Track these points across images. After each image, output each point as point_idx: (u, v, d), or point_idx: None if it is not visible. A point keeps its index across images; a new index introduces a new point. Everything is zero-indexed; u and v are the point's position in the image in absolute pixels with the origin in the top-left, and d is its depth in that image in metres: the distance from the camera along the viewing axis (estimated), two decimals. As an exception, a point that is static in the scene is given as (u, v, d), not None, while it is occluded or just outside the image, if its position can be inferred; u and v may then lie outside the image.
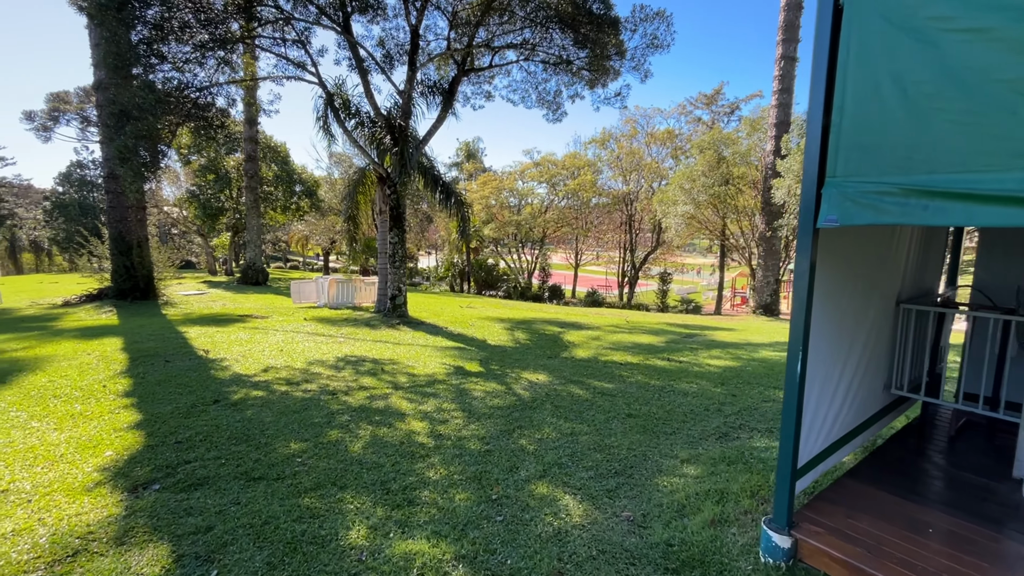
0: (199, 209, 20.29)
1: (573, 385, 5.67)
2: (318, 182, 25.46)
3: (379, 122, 9.21)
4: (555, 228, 36.23)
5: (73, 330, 8.14)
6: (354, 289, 12.59)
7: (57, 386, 5.03)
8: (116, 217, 11.87)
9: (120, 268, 11.59)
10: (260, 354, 6.70)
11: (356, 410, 4.61)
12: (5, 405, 4.49)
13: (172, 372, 5.65)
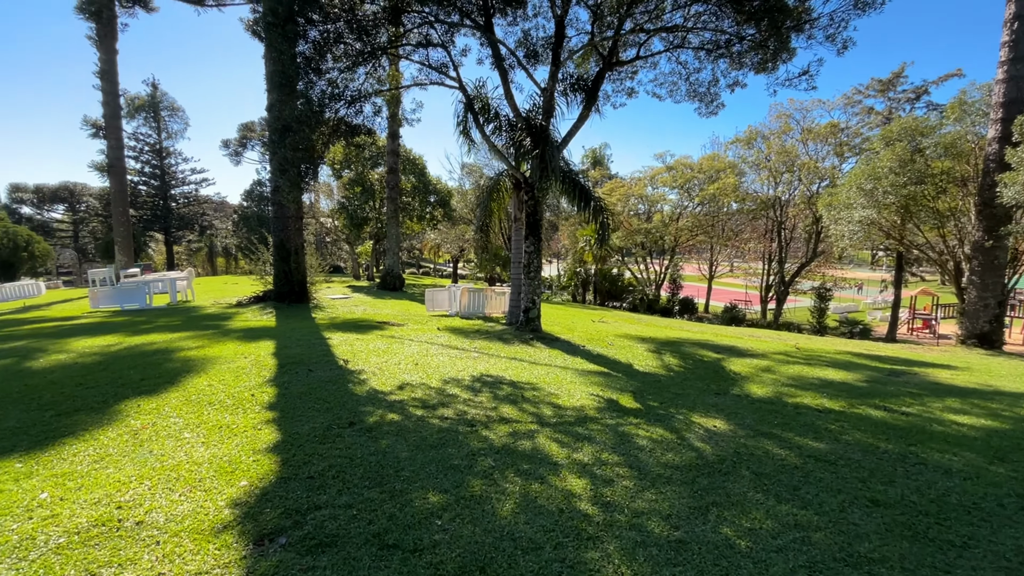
0: (347, 219, 22.11)
1: (767, 440, 4.35)
2: (451, 192, 26.42)
3: (519, 124, 8.67)
4: (688, 237, 33.44)
5: (239, 331, 8.77)
6: (485, 299, 12.29)
7: (214, 391, 5.10)
8: (279, 227, 12.98)
9: (280, 273, 12.64)
10: (396, 367, 6.40)
11: (500, 451, 3.87)
12: (168, 409, 4.56)
13: (313, 383, 5.50)
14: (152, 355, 6.75)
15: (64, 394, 5.03)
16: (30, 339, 8.36)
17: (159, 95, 41.63)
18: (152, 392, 5.05)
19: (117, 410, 4.54)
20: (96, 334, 8.60)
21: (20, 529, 2.67)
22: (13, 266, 33.29)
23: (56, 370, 6.07)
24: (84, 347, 7.45)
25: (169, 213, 42.59)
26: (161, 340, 7.83)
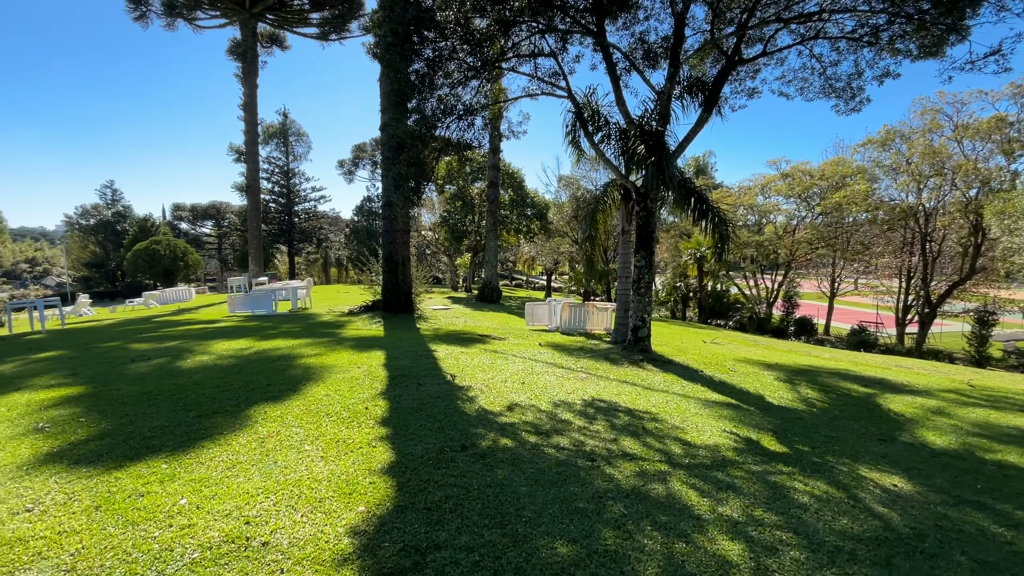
0: (448, 232, 22.87)
1: (975, 512, 3.41)
2: (548, 205, 26.34)
3: (631, 131, 8.18)
4: (807, 250, 30.19)
5: (351, 339, 9.14)
6: (586, 315, 11.80)
7: (331, 401, 5.18)
8: (388, 239, 13.58)
9: (388, 284, 13.19)
10: (503, 385, 6.16)
11: (629, 495, 3.40)
12: (291, 418, 4.67)
13: (423, 399, 5.41)
14: (277, 361, 7.17)
15: (204, 395, 5.40)
16: (181, 340, 9.38)
17: (288, 123, 46.71)
18: (277, 399, 5.25)
19: (247, 415, 4.74)
20: (232, 338, 9.44)
21: (161, 538, 2.72)
22: (173, 273, 38.87)
23: (199, 371, 6.63)
24: (222, 350, 8.15)
25: (293, 227, 47.34)
26: (284, 346, 8.35)
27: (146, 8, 26.97)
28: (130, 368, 6.91)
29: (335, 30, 30.12)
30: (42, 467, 3.61)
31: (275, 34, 30.88)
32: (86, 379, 6.31)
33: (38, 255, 72.51)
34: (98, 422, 4.60)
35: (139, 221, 45.94)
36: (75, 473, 3.51)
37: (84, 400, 5.33)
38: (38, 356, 8.30)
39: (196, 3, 27.83)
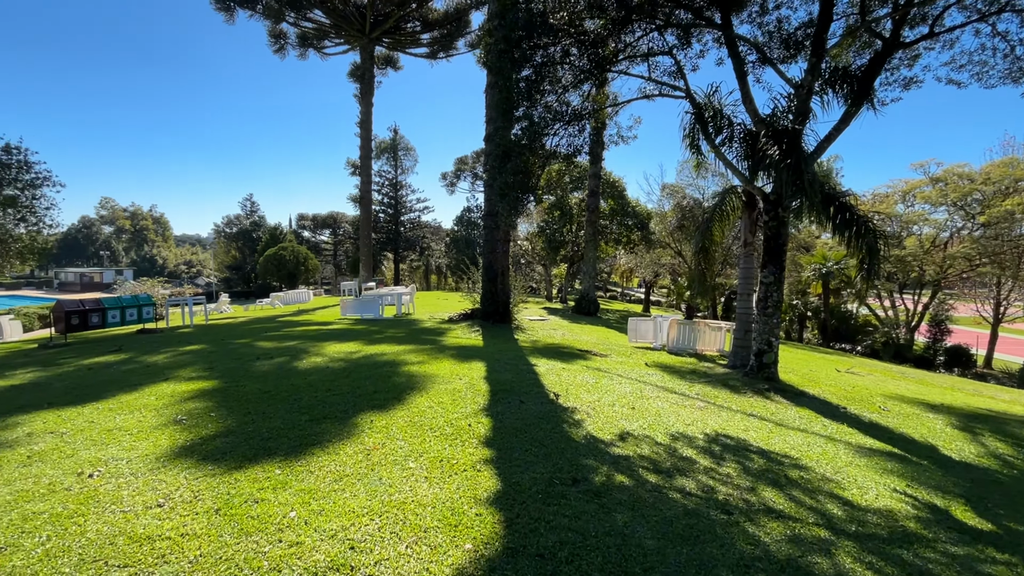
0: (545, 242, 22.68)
1: None
2: (650, 215, 25.16)
3: (761, 131, 7.27)
4: (965, 267, 25.66)
5: (452, 348, 9.14)
6: (697, 333, 10.82)
7: (434, 415, 5.04)
8: (488, 249, 13.63)
9: (487, 293, 13.21)
10: (610, 409, 5.65)
11: (785, 568, 2.75)
12: (396, 430, 4.58)
13: (527, 418, 5.08)
14: (383, 367, 7.29)
15: (316, 399, 5.55)
16: (299, 340, 10.03)
17: (398, 138, 49.96)
18: (382, 408, 5.23)
19: (354, 423, 4.73)
20: (343, 340, 9.90)
21: (271, 554, 2.63)
22: (295, 277, 43.09)
23: (313, 373, 6.92)
24: (334, 352, 8.53)
25: (399, 236, 50.32)
26: (390, 352, 8.54)
27: (284, 42, 30.27)
28: (255, 366, 7.43)
29: (443, 48, 31.65)
30: (176, 460, 3.81)
31: (389, 56, 33.14)
32: (219, 374, 6.86)
33: (193, 258, 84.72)
34: (225, 418, 4.86)
35: (270, 230, 51.67)
36: (202, 470, 3.64)
37: (216, 395, 5.73)
38: (185, 349, 9.29)
39: (324, 33, 30.75)
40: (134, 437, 4.33)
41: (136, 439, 4.28)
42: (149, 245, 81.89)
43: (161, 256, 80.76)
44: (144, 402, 5.46)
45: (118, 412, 5.09)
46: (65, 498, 3.20)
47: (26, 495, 3.25)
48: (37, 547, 2.65)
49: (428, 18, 29.24)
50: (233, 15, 27.30)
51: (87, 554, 2.60)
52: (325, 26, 29.69)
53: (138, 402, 5.47)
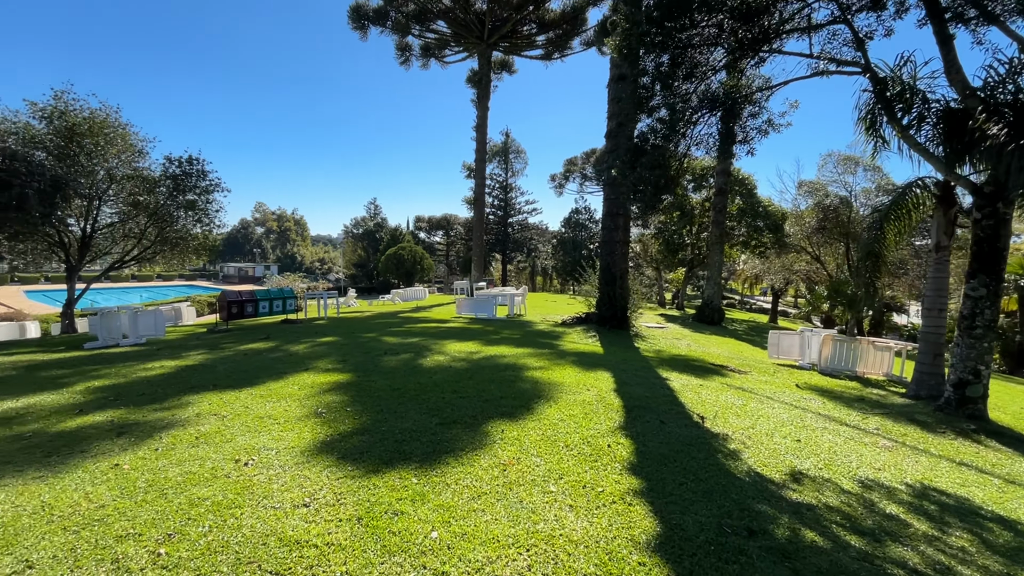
0: (663, 244, 21.33)
1: None
2: (784, 215, 22.49)
3: (976, 105, 5.80)
4: None
5: (572, 354, 8.70)
6: (857, 352, 9.19)
7: (567, 429, 4.62)
8: (606, 251, 12.99)
9: (605, 297, 12.57)
10: (770, 440, 4.79)
11: None
12: (529, 443, 4.23)
13: (673, 443, 4.45)
14: (505, 370, 7.06)
15: (444, 400, 5.43)
16: (421, 337, 10.27)
17: (509, 142, 50.90)
18: (512, 417, 4.93)
19: (485, 432, 4.48)
20: (462, 339, 9.94)
21: (416, 583, 2.38)
22: (412, 275, 45.79)
23: (438, 372, 6.89)
24: (455, 351, 8.53)
25: (507, 238, 51.25)
26: (509, 354, 8.33)
27: (409, 53, 32.14)
28: (383, 361, 7.62)
29: (558, 48, 31.49)
30: (318, 457, 3.81)
31: (505, 60, 33.77)
32: (352, 367, 7.11)
33: (325, 256, 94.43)
34: (360, 414, 4.89)
35: (391, 231, 55.59)
36: (342, 470, 3.58)
37: (350, 389, 5.87)
38: (321, 340, 9.95)
39: (444, 43, 32.15)
40: (281, 427, 4.48)
41: (283, 429, 4.42)
42: (291, 244, 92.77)
43: (300, 254, 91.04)
44: (288, 391, 5.75)
45: (268, 399, 5.38)
46: (224, 486, 3.28)
47: (193, 478, 3.40)
48: (200, 538, 2.68)
49: (544, 19, 29.21)
50: (366, 32, 29.57)
51: (243, 554, 2.55)
52: (446, 35, 31.06)
53: (284, 390, 5.77)
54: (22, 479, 3.37)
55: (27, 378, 6.58)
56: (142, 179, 14.87)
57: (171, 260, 16.69)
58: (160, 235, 15.51)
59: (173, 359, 7.84)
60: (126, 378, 6.51)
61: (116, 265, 15.60)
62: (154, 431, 4.34)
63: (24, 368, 7.29)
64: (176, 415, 4.80)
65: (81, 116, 13.44)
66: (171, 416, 4.77)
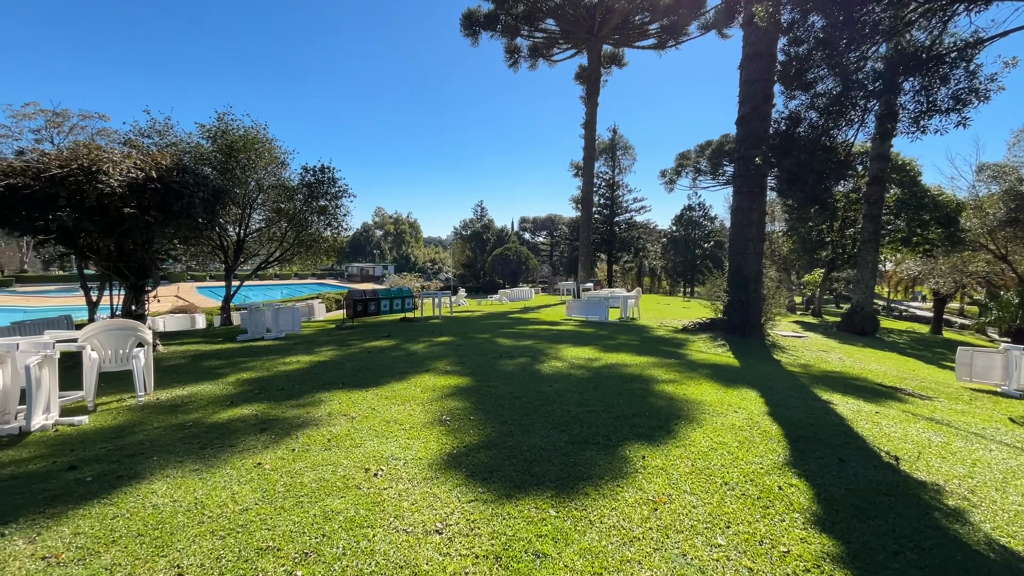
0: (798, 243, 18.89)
1: None
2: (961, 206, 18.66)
3: None
4: None
5: (704, 366, 7.79)
6: (1096, 379, 7.08)
7: (722, 461, 3.91)
8: (737, 250, 11.66)
9: (735, 302, 11.28)
10: (1003, 496, 3.64)
11: None
12: (678, 476, 3.61)
13: (862, 490, 3.54)
14: (631, 382, 6.43)
15: (570, 414, 4.98)
16: (534, 340, 9.96)
17: (617, 138, 49.28)
18: (651, 439, 4.33)
19: (623, 456, 3.94)
20: (577, 344, 9.45)
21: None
22: (517, 275, 46.35)
23: (557, 379, 6.47)
24: (572, 357, 8.06)
25: (613, 237, 49.69)
26: (632, 363, 7.66)
27: (517, 55, 32.37)
28: (500, 365, 7.39)
29: (672, 36, 29.68)
30: (446, 473, 3.56)
31: (614, 54, 32.65)
32: (470, 370, 6.96)
33: (436, 256, 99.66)
34: (483, 424, 4.61)
35: (497, 232, 56.83)
36: (472, 491, 3.28)
37: (471, 394, 5.67)
38: (437, 340, 10.08)
39: (552, 41, 31.89)
40: (408, 434, 4.34)
41: (409, 436, 4.28)
42: (405, 245, 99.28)
43: (413, 254, 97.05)
44: (412, 393, 5.69)
45: (392, 401, 5.35)
46: (356, 499, 3.13)
47: (326, 486, 3.31)
48: (335, 562, 2.50)
49: (659, 5, 27.63)
50: (477, 38, 30.28)
51: (377, 588, 2.31)
52: (554, 34, 30.78)
53: (407, 393, 5.73)
54: (181, 471, 3.53)
55: (192, 367, 7.36)
56: (284, 188, 16.49)
57: (306, 260, 18.33)
58: (297, 238, 17.10)
59: (307, 354, 8.35)
60: (268, 372, 6.98)
61: (263, 265, 17.47)
62: (291, 429, 4.43)
63: (191, 357, 8.21)
64: (310, 413, 4.92)
65: (237, 134, 15.22)
66: (306, 414, 4.89)
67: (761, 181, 11.40)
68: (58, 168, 6.90)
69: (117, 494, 3.16)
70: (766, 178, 11.61)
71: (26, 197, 6.68)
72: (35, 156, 7.41)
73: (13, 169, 6.82)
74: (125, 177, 7.26)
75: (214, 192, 8.55)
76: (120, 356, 5.32)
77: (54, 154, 7.35)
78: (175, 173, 7.98)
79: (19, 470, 3.52)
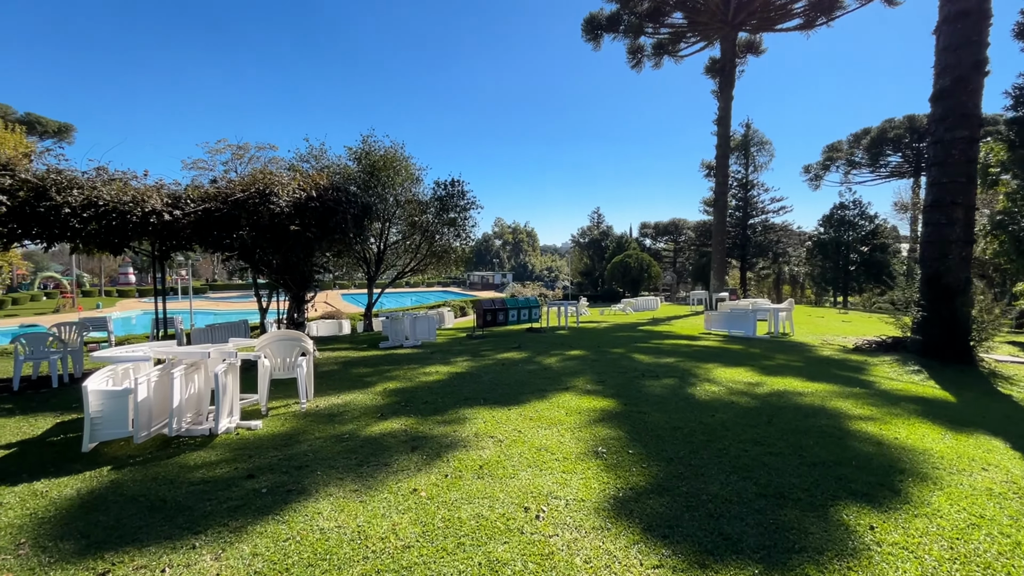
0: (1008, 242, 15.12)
1: None
2: None
3: None
4: None
5: (905, 398, 6.30)
6: None
7: (996, 547, 2.84)
8: (932, 253, 9.52)
9: (933, 318, 9.17)
10: None
11: None
12: (935, 566, 2.68)
13: None
14: (813, 416, 5.34)
15: (747, 455, 4.15)
16: (676, 357, 9.04)
17: (751, 133, 44.99)
18: (872, 502, 3.37)
19: (841, 523, 3.07)
20: (728, 363, 8.36)
21: None
22: (638, 283, 44.41)
23: (719, 408, 5.62)
24: (727, 379, 7.07)
25: (747, 241, 45.33)
26: (806, 391, 6.45)
27: (641, 55, 31.10)
28: (646, 386, 6.70)
29: (824, 13, 26.23)
30: (617, 522, 3.05)
31: (751, 41, 29.86)
32: (613, 391, 6.39)
33: (553, 264, 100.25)
34: (646, 461, 4.02)
35: (616, 239, 55.17)
36: (654, 551, 2.73)
37: (622, 421, 5.10)
38: (569, 353, 9.64)
39: (679, 36, 30.09)
40: (562, 465, 3.92)
41: (564, 469, 3.85)
42: (523, 254, 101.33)
43: (531, 263, 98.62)
44: (556, 415, 5.29)
45: (538, 424, 4.99)
46: (521, 547, 2.76)
47: (486, 526, 2.99)
48: (511, 635, 2.12)
49: (808, -21, 24.57)
50: (599, 42, 29.67)
51: None
52: (681, 28, 29.01)
53: (550, 413, 5.35)
54: (342, 489, 3.48)
55: (344, 374, 7.80)
56: (418, 202, 17.45)
57: (437, 270, 19.20)
58: (430, 249, 17.97)
59: (444, 365, 8.43)
60: (411, 382, 7.11)
61: (400, 275, 18.64)
62: (441, 450, 4.27)
63: (342, 364, 8.77)
64: (457, 432, 4.74)
65: (378, 154, 16.46)
66: (452, 433, 4.72)
67: (969, 169, 9.21)
68: (240, 192, 7.80)
69: (288, 511, 3.16)
70: (974, 165, 9.37)
71: (217, 220, 7.63)
72: (223, 183, 8.51)
73: (208, 194, 7.85)
74: (291, 198, 7.98)
75: (363, 208, 9.08)
76: (287, 364, 5.70)
77: (237, 180, 8.36)
78: (330, 192, 8.61)
79: (209, 474, 3.76)
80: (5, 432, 4.87)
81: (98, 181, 6.90)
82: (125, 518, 3.06)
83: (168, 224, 7.12)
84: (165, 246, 7.82)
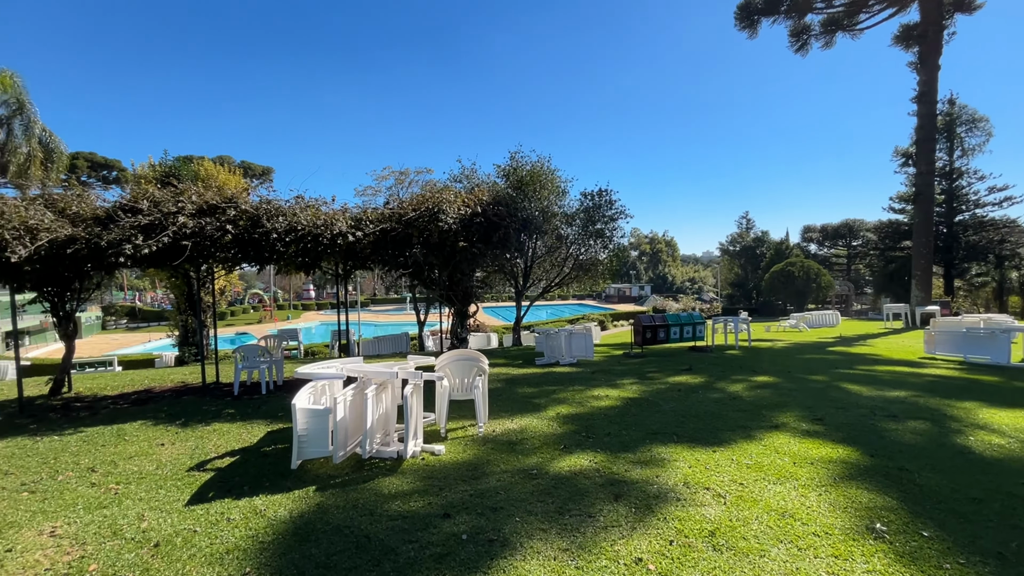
0: None
1: None
2: None
3: None
4: None
5: None
6: None
7: None
8: None
9: None
10: None
11: None
12: None
13: None
14: None
15: None
16: (906, 391, 7.15)
17: (955, 111, 36.76)
18: None
19: None
20: (993, 402, 6.30)
21: None
22: (804, 295, 38.84)
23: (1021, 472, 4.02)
24: (1012, 426, 5.22)
25: (954, 242, 36.95)
26: None
27: (807, 36, 27.46)
28: (886, 430, 5.22)
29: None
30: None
31: (961, -3, 24.39)
32: (841, 434, 5.07)
33: (695, 275, 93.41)
34: (956, 552, 2.83)
35: (775, 245, 49.22)
36: None
37: (879, 480, 3.86)
38: (755, 379, 8.25)
39: (859, 5, 25.87)
40: (828, 545, 2.93)
41: (835, 552, 2.86)
42: (661, 264, 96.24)
43: (671, 274, 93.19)
44: (779, 464, 4.23)
45: (760, 475, 4.00)
46: None
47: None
48: None
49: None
50: (756, 29, 26.87)
51: None
52: (862, -4, 24.85)
53: (771, 461, 4.31)
54: (549, 546, 2.96)
55: (510, 393, 7.51)
56: (564, 215, 17.11)
57: (583, 282, 18.61)
58: (576, 262, 17.47)
59: (612, 387, 7.72)
60: (583, 407, 6.52)
61: (547, 289, 18.44)
62: (649, 501, 3.56)
63: (504, 381, 8.54)
64: (660, 478, 3.99)
65: (525, 170, 16.51)
66: (655, 478, 3.98)
67: None
68: (412, 211, 8.07)
69: (495, 570, 2.72)
70: None
71: (392, 239, 7.97)
72: (395, 204, 8.96)
73: (383, 215, 8.28)
74: (457, 214, 8.04)
75: (522, 222, 8.85)
76: (465, 385, 5.51)
77: (408, 200, 8.72)
78: (492, 207, 8.53)
79: (404, 507, 3.55)
80: (230, 439, 5.38)
81: (297, 208, 7.63)
82: (335, 554, 2.90)
83: (351, 244, 7.61)
84: (348, 265, 8.42)
